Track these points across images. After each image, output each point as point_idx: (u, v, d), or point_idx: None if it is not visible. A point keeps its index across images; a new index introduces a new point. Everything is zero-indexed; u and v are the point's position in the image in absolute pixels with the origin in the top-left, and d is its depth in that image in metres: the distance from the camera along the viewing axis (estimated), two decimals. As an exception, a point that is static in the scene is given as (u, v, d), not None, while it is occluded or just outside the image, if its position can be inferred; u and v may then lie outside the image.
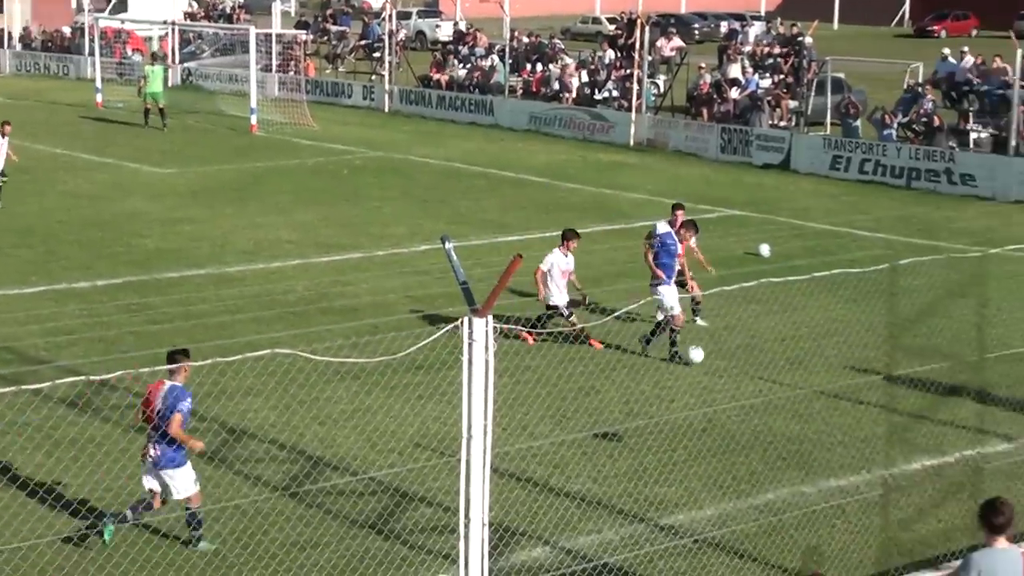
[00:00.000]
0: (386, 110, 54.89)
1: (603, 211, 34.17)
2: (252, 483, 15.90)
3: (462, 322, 10.02)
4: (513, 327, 14.90)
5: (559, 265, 21.39)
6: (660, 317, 20.95)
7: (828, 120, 44.88)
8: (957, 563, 11.24)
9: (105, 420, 17.74)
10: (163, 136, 46.78)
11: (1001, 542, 10.90)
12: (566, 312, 21.33)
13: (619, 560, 13.58)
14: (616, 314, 18.90)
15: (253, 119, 48.51)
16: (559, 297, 21.46)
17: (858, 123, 42.73)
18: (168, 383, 13.70)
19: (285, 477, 15.93)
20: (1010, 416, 18.44)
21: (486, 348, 10.02)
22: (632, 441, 17.33)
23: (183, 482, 13.71)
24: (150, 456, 13.74)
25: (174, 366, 13.68)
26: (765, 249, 28.20)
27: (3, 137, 32.31)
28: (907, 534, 14.50)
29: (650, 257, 21.20)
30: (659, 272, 20.85)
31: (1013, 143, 37.76)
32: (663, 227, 21.80)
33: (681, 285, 21.33)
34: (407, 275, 26.58)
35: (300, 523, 14.74)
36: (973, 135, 41.23)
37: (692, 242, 22.50)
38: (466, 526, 10.36)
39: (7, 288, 24.97)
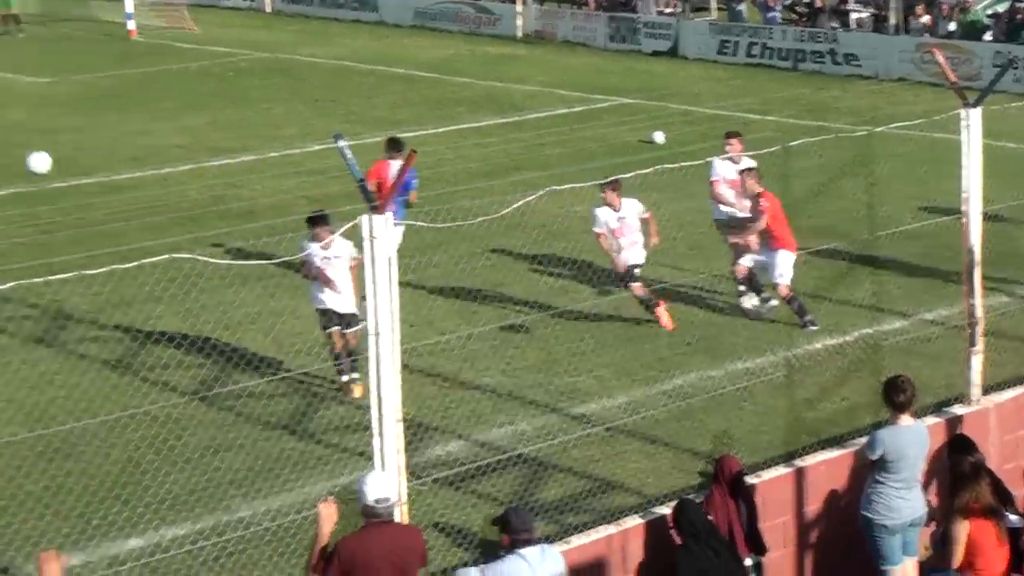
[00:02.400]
0: (268, 10, 54.07)
1: (495, 104, 34.07)
2: (161, 389, 15.80)
3: (361, 220, 9.88)
4: (422, 223, 14.76)
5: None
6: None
7: (714, 5, 45.08)
8: (863, 440, 11.48)
9: (6, 334, 17.58)
10: (32, 44, 45.65)
11: (905, 418, 11.13)
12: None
13: (533, 451, 13.65)
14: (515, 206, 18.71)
15: (131, 24, 47.60)
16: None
17: (743, 7, 42.96)
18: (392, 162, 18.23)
19: (194, 382, 15.80)
20: (904, 294, 18.71)
21: (388, 245, 9.92)
22: (540, 332, 17.36)
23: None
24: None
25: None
26: (659, 136, 28.29)
27: None
28: (812, 413, 14.69)
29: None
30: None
31: (893, 22, 38.16)
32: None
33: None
34: (302, 175, 26.35)
35: (212, 427, 14.72)
36: (854, 15, 41.45)
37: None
38: (380, 423, 10.31)
39: None
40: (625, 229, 17.50)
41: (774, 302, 18.07)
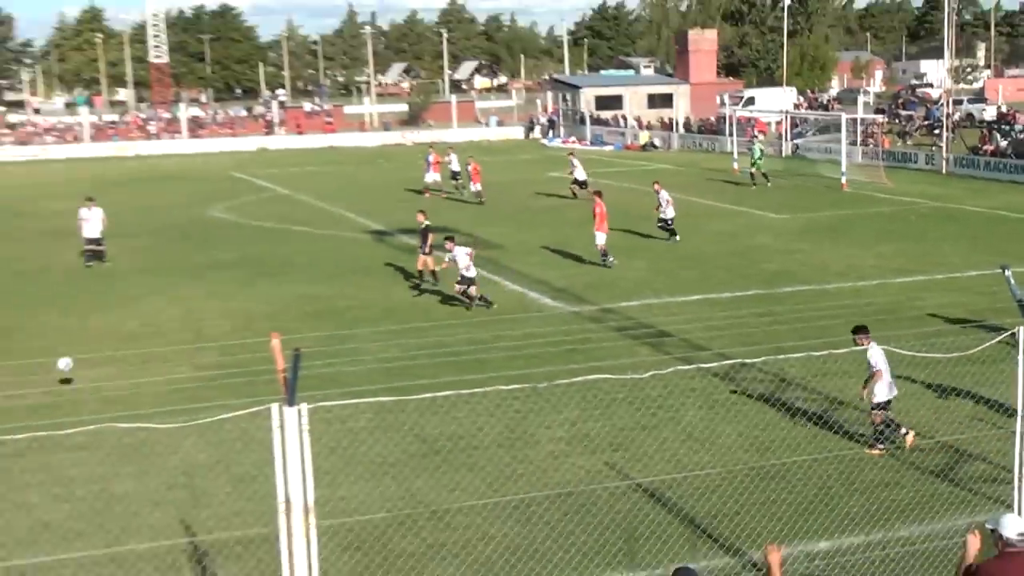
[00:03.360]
0: (943, 172, 51.94)
1: None
2: (847, 438, 15.72)
3: (1018, 331, 9.68)
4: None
5: None
6: None
7: None
8: None
9: (745, 392, 18.15)
10: (777, 192, 46.47)
11: None
12: None
13: None
14: None
15: (843, 179, 47.55)
16: None
17: None
18: None
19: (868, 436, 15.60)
20: None
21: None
22: None
23: None
24: None
25: None
26: None
27: (660, 191, 33.34)
28: None
29: None
30: None
31: None
32: None
33: None
34: (962, 293, 25.11)
35: (886, 469, 14.60)
36: None
37: None
38: (1019, 478, 9.94)
39: (677, 296, 25.87)
40: None
41: None
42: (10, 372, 20.35)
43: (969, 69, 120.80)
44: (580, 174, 44.75)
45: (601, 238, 29.53)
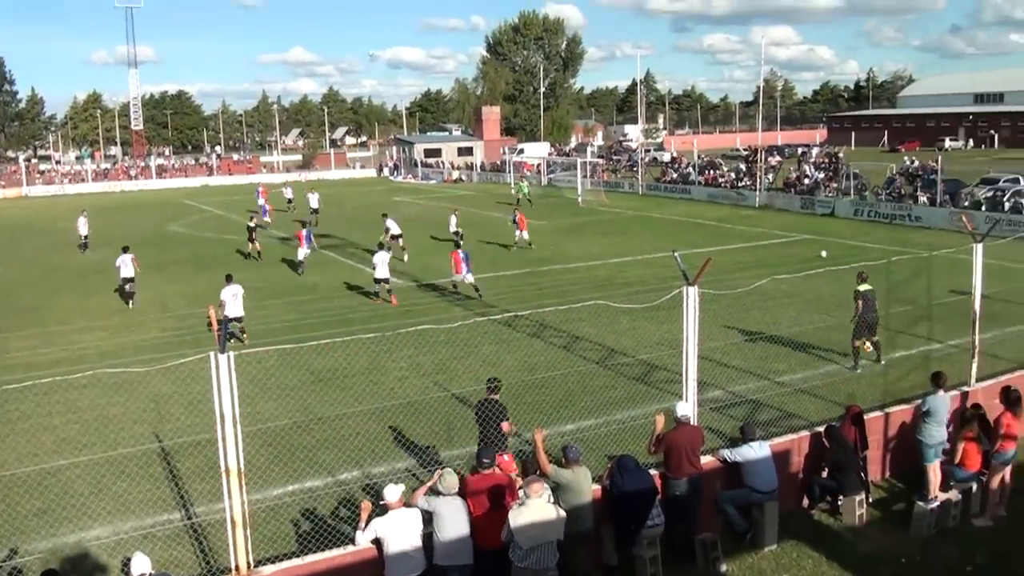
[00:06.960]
0: (640, 193, 52.08)
1: None
2: (583, 359, 15.65)
3: (683, 289, 9.82)
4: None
5: None
6: None
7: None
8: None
9: (521, 332, 17.68)
10: (538, 208, 44.54)
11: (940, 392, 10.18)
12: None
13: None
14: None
15: (579, 199, 47.69)
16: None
17: None
18: None
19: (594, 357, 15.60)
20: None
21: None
22: None
23: None
24: None
25: None
26: None
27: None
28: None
29: None
30: None
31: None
32: None
33: None
34: (651, 268, 25.12)
35: (607, 378, 14.48)
36: None
37: None
38: (685, 380, 9.71)
39: (478, 274, 23.81)
40: None
41: None
42: (38, 336, 18.72)
43: (653, 130, 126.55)
44: (395, 229, 30.47)
45: (457, 279, 21.68)
